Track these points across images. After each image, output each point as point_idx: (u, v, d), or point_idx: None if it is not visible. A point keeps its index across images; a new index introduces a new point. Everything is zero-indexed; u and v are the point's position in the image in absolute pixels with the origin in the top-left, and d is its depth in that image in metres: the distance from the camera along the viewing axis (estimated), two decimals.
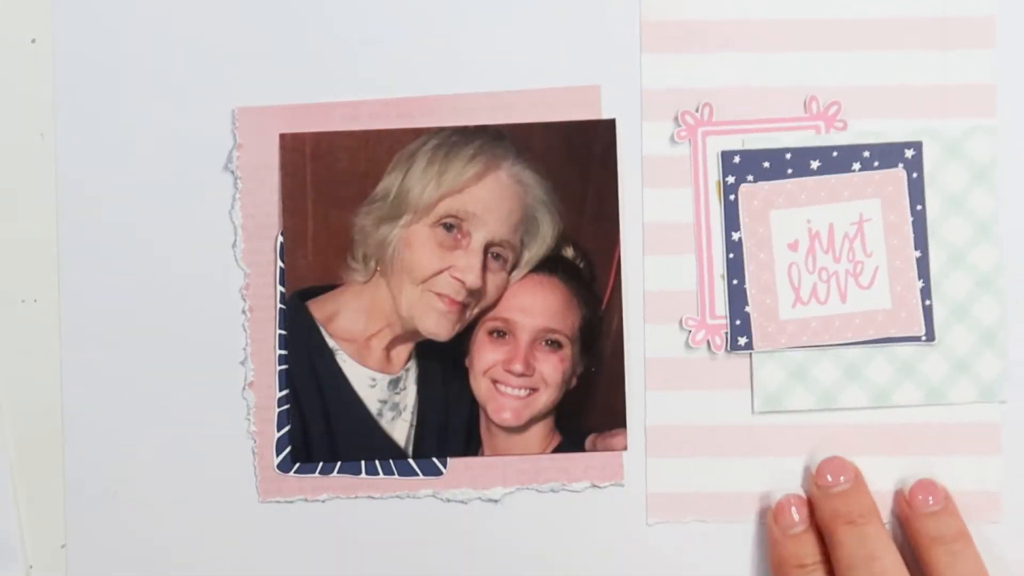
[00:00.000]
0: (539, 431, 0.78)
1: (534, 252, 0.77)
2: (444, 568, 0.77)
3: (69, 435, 0.76)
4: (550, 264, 0.77)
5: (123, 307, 0.76)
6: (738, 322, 0.75)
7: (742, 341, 0.75)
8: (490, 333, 0.77)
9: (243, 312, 0.76)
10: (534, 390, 0.77)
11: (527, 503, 0.77)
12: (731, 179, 0.75)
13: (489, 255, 0.76)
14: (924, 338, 0.75)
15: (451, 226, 0.75)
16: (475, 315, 0.77)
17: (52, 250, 0.76)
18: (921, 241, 0.75)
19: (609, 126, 0.75)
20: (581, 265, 0.77)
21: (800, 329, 0.75)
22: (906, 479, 0.75)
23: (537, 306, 0.76)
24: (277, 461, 0.76)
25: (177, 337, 0.76)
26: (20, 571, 0.77)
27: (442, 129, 0.75)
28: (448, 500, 0.77)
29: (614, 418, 0.77)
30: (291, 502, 0.77)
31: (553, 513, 0.77)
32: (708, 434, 0.76)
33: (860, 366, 0.75)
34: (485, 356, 0.77)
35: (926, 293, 0.75)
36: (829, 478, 0.72)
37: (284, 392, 0.76)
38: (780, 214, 0.75)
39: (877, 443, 0.75)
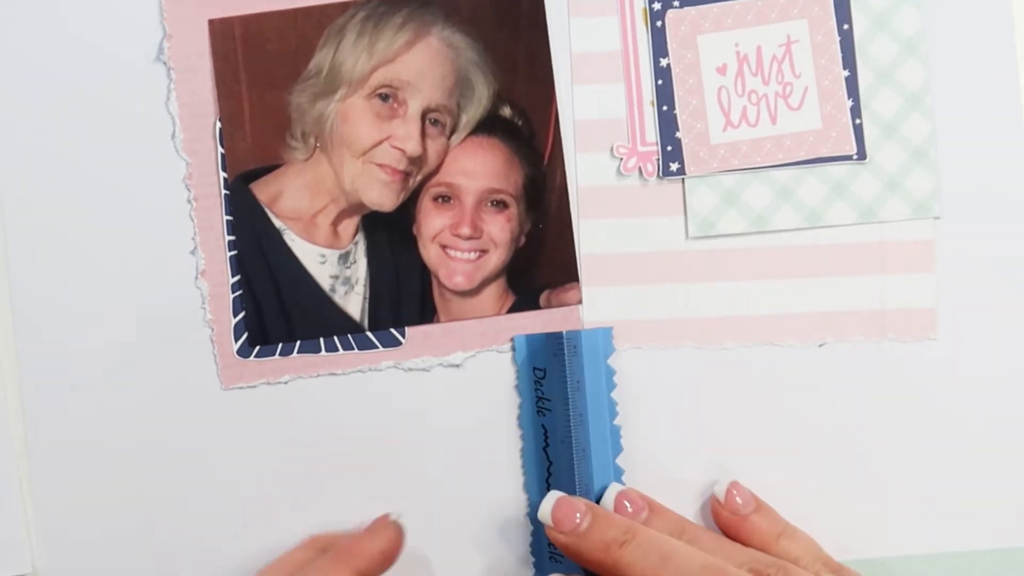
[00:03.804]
0: (492, 292, 0.78)
1: (471, 114, 0.77)
2: (411, 438, 0.77)
3: (21, 336, 0.76)
4: (488, 125, 0.77)
5: (68, 208, 0.76)
6: (669, 148, 0.76)
7: (674, 167, 0.76)
8: (435, 199, 0.77)
9: (188, 201, 0.76)
10: (483, 252, 0.77)
11: (488, 365, 0.77)
12: (657, 5, 0.76)
13: (427, 121, 0.76)
14: (855, 157, 0.75)
15: (386, 96, 0.76)
16: (418, 182, 0.77)
17: None
18: (849, 60, 0.75)
19: None
20: (519, 123, 0.77)
21: (731, 153, 0.76)
22: (840, 301, 0.76)
23: (479, 168, 0.77)
24: (236, 347, 0.77)
25: (125, 232, 0.76)
26: (25, 569, 0.76)
27: (369, 1, 0.75)
28: (410, 369, 0.77)
29: (566, 272, 0.77)
30: (254, 387, 0.77)
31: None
32: (642, 261, 0.76)
33: (792, 187, 0.75)
34: (432, 222, 0.78)
35: (856, 112, 0.75)
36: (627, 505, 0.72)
37: (236, 278, 0.77)
38: (707, 38, 0.76)
39: (811, 264, 0.75)
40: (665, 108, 0.76)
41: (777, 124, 0.75)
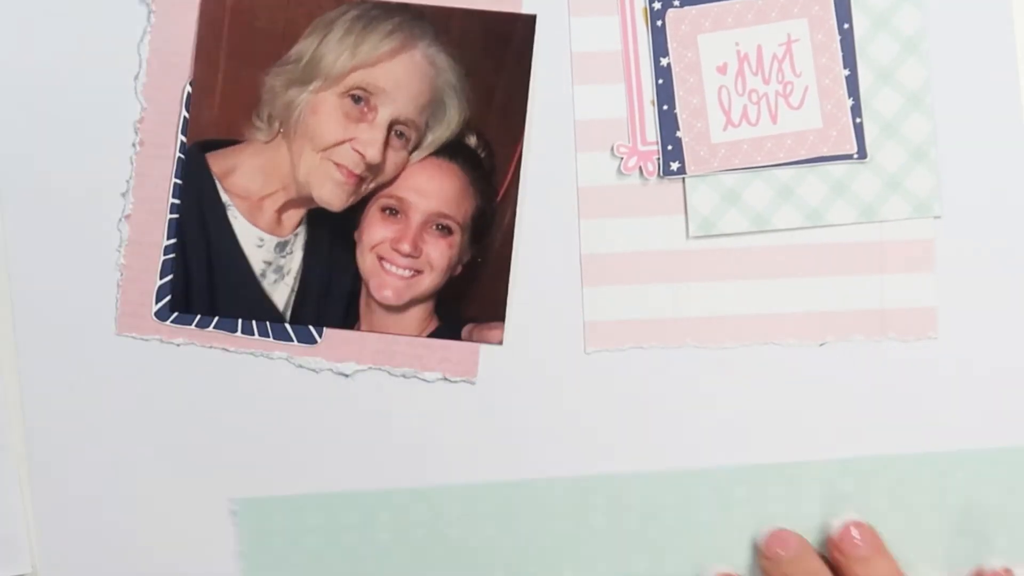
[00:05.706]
0: (418, 314, 0.75)
1: (437, 135, 0.75)
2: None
3: (21, 337, 0.75)
4: (452, 150, 0.75)
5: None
6: (670, 147, 0.74)
7: (674, 166, 0.74)
8: (383, 210, 0.75)
9: (133, 145, 0.75)
10: (419, 272, 0.74)
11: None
12: (657, 5, 0.75)
13: (393, 132, 0.75)
14: (856, 156, 0.73)
15: (359, 98, 0.75)
16: (370, 190, 0.75)
17: None
18: (850, 59, 0.74)
19: (529, 21, 0.75)
20: (482, 155, 0.75)
21: (732, 152, 0.73)
22: (841, 300, 0.75)
23: (433, 189, 0.75)
24: (155, 308, 0.73)
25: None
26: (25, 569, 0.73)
27: (364, 1, 0.77)
28: (300, 367, 0.74)
29: (495, 310, 0.74)
30: (146, 340, 0.74)
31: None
32: (643, 260, 0.74)
33: (792, 186, 0.73)
34: (375, 232, 0.75)
35: (856, 111, 0.73)
36: (779, 551, 0.71)
37: (171, 241, 0.74)
38: (708, 37, 0.74)
39: (811, 264, 0.74)
40: (665, 107, 0.74)
41: (778, 123, 0.73)
